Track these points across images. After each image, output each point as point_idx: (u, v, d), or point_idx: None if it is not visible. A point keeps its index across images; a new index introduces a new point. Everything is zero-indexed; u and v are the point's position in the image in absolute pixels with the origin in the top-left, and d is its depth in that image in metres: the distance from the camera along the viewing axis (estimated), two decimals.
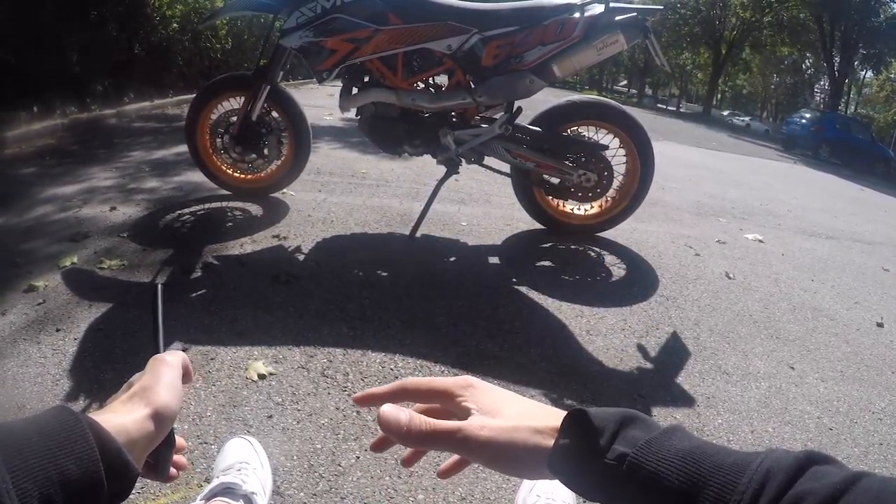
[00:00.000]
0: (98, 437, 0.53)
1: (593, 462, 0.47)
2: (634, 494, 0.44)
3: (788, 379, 2.22)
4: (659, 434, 0.47)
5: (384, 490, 1.44)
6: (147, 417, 0.60)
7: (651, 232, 3.78)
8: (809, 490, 0.38)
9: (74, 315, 2.05)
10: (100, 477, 0.52)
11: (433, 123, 2.96)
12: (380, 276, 2.62)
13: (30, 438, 0.50)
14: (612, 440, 0.47)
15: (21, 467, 0.47)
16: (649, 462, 0.44)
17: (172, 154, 4.36)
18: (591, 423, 0.48)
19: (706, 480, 0.42)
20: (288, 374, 1.84)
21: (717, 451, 0.45)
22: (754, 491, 0.40)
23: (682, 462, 0.43)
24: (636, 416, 0.49)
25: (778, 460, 0.42)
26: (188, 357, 0.70)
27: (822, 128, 18.30)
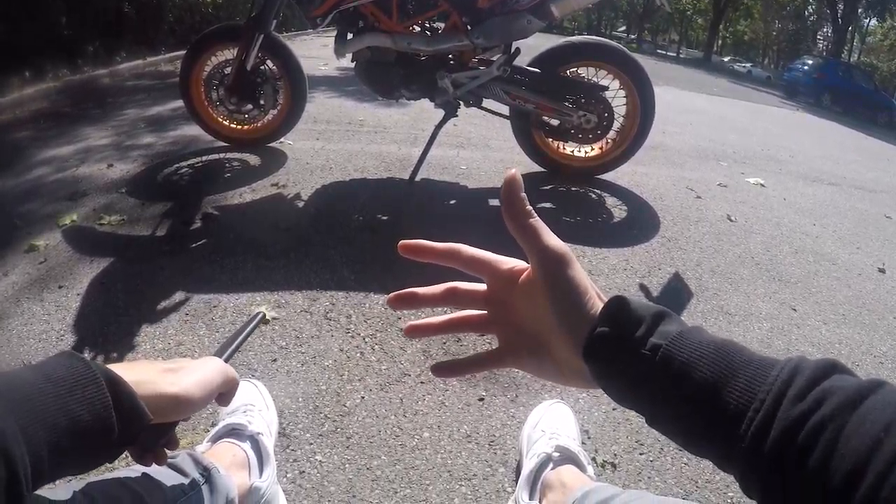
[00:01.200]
0: (111, 382, 0.53)
1: (629, 352, 0.47)
2: (665, 384, 0.45)
3: (790, 320, 2.23)
4: (690, 329, 0.47)
5: (389, 429, 1.45)
6: (169, 395, 0.60)
7: (652, 175, 3.75)
8: (837, 386, 0.39)
9: (76, 272, 2.05)
10: (111, 422, 0.52)
11: (430, 67, 2.91)
12: (380, 220, 2.61)
13: (37, 385, 0.49)
14: (650, 332, 0.47)
15: (29, 413, 0.46)
16: (682, 353, 0.44)
17: (168, 110, 4.31)
18: (632, 314, 0.48)
19: (736, 372, 0.42)
20: (291, 318, 1.85)
21: (746, 349, 0.45)
22: (783, 382, 0.40)
23: (715, 354, 0.44)
24: (669, 312, 0.49)
25: (804, 360, 0.42)
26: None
27: (825, 75, 18.08)
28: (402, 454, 1.38)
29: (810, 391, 0.39)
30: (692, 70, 21.42)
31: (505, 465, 1.38)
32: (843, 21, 29.25)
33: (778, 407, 0.39)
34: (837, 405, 0.37)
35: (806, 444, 0.37)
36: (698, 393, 0.43)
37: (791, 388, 0.40)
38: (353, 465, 1.34)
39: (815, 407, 0.38)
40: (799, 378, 0.40)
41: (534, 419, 1.39)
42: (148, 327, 1.76)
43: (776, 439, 0.38)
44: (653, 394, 0.46)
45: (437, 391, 1.60)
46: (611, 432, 1.52)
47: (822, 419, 0.37)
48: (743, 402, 0.41)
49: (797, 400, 0.39)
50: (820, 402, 0.38)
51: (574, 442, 1.28)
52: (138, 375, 0.59)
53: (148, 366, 0.63)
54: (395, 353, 1.73)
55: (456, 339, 1.82)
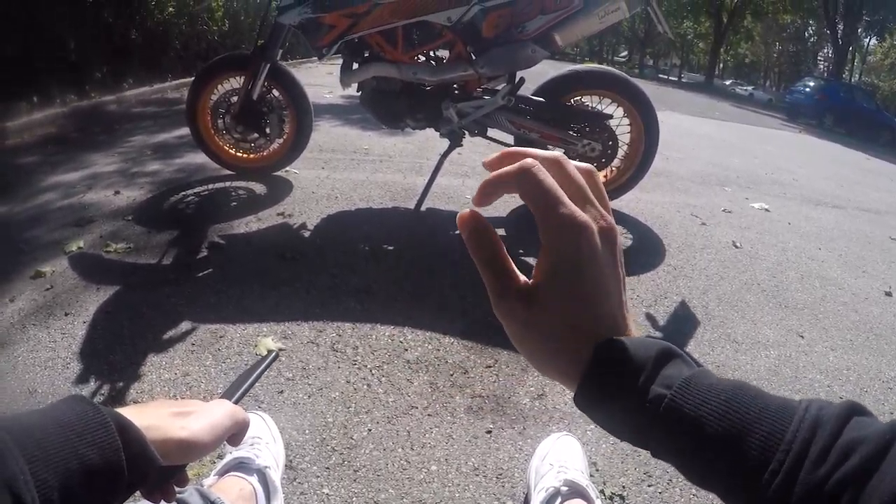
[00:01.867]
0: (120, 427, 0.53)
1: (628, 401, 0.42)
2: (670, 437, 0.41)
3: (798, 347, 2.22)
4: (695, 373, 0.42)
5: (397, 462, 1.45)
6: (178, 439, 0.60)
7: (656, 202, 3.75)
8: (859, 438, 0.37)
9: (82, 299, 2.05)
10: (121, 466, 0.52)
11: (435, 96, 2.93)
12: (386, 250, 2.61)
13: (47, 429, 0.49)
14: (651, 380, 0.42)
15: (40, 458, 0.47)
16: (689, 404, 0.40)
17: (174, 137, 4.34)
18: (630, 360, 0.42)
19: (751, 426, 0.39)
20: (297, 349, 1.85)
21: (759, 394, 0.41)
22: (804, 440, 0.38)
23: (726, 406, 0.40)
24: (672, 350, 0.44)
25: (823, 408, 0.39)
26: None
27: (826, 96, 18.10)
28: (409, 488, 1.38)
29: (832, 447, 0.37)
30: (694, 94, 21.51)
31: (513, 499, 1.37)
32: (843, 41, 29.41)
33: (800, 468, 0.37)
34: (860, 462, 0.36)
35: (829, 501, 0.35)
36: (710, 448, 0.39)
37: (813, 445, 0.37)
38: (360, 498, 1.33)
39: (838, 465, 0.36)
40: (820, 433, 0.38)
41: (542, 452, 1.38)
42: (154, 357, 1.76)
43: (798, 502, 0.36)
44: (658, 443, 0.42)
45: (444, 424, 1.59)
46: (619, 464, 1.50)
47: (844, 477, 0.35)
48: (760, 461, 0.38)
49: (820, 461, 0.37)
50: (842, 460, 0.36)
51: (582, 475, 1.27)
52: (147, 420, 0.59)
53: (157, 409, 0.63)
54: (402, 386, 1.73)
55: (463, 371, 1.81)
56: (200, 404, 0.68)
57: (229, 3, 8.65)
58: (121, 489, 0.54)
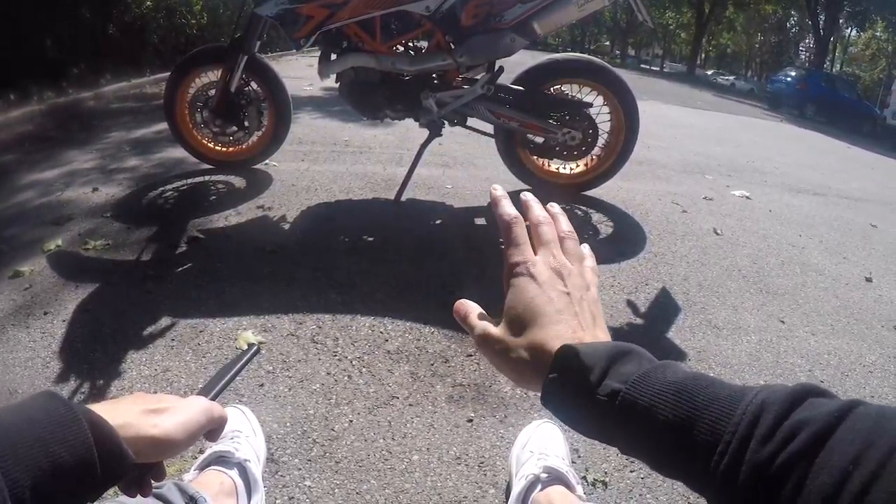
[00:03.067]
0: (92, 423, 0.53)
1: (585, 398, 0.46)
2: (629, 429, 0.44)
3: (778, 333, 2.24)
4: (651, 368, 0.46)
5: (378, 452, 1.44)
6: (150, 437, 0.59)
7: (637, 190, 3.76)
8: (806, 419, 0.38)
9: (61, 298, 2.03)
10: (93, 462, 0.51)
11: (414, 87, 2.92)
12: (366, 242, 2.60)
13: (19, 427, 0.49)
14: (603, 376, 0.46)
15: (11, 456, 0.46)
16: (643, 397, 0.44)
17: (152, 132, 4.30)
18: (581, 360, 0.47)
19: (700, 413, 0.41)
20: (277, 342, 1.84)
21: (711, 382, 0.44)
22: (749, 422, 0.39)
23: (676, 396, 0.43)
24: (628, 350, 0.48)
25: (773, 392, 0.41)
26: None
27: (808, 86, 18.21)
28: (391, 478, 1.37)
29: (779, 427, 0.38)
30: (676, 84, 21.61)
31: (495, 487, 1.37)
32: (824, 32, 29.58)
33: (745, 448, 0.39)
34: (805, 440, 0.37)
35: (776, 482, 0.37)
36: (665, 436, 0.42)
37: (759, 426, 0.39)
38: (342, 489, 1.33)
39: (784, 444, 0.37)
40: (766, 415, 0.39)
41: (522, 439, 1.38)
42: (134, 353, 1.75)
43: (745, 480, 0.38)
44: (619, 436, 0.46)
45: (425, 413, 1.59)
46: (601, 450, 1.51)
47: (790, 457, 0.37)
48: (708, 444, 0.40)
49: (765, 440, 0.38)
50: (789, 440, 0.37)
51: (563, 462, 1.27)
52: (120, 417, 0.58)
53: (130, 406, 0.62)
54: (383, 376, 1.72)
55: (444, 360, 1.81)
56: (176, 400, 0.67)
57: None
58: (94, 486, 0.53)
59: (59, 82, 5.42)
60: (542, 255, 0.58)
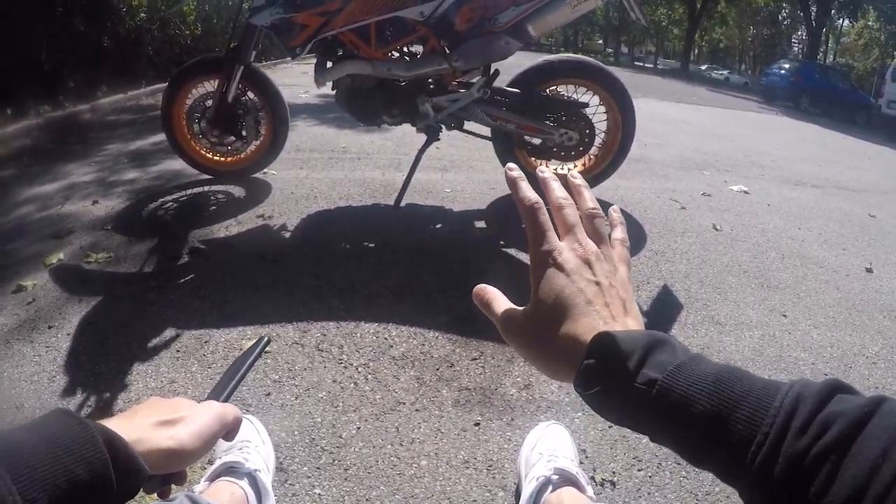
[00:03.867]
0: (108, 440, 0.53)
1: (622, 386, 0.46)
2: (664, 419, 0.45)
3: (781, 326, 2.24)
4: (686, 359, 0.46)
5: (387, 458, 1.45)
6: (165, 450, 0.60)
7: (636, 188, 3.78)
8: (839, 412, 0.39)
9: (65, 311, 2.03)
10: (109, 478, 0.52)
11: (410, 92, 2.92)
12: (367, 248, 2.61)
13: (35, 446, 0.49)
14: (641, 365, 0.46)
15: (27, 476, 0.46)
16: (679, 387, 0.44)
17: (150, 144, 4.29)
18: (619, 347, 0.47)
19: (737, 404, 0.42)
20: (283, 350, 1.84)
21: (746, 376, 0.44)
22: (786, 414, 0.40)
23: (714, 386, 0.43)
24: (663, 340, 0.48)
25: (806, 386, 0.42)
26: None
27: (802, 78, 18.21)
28: (400, 483, 1.38)
29: (812, 420, 0.39)
30: (670, 80, 21.60)
31: (504, 490, 1.37)
32: (816, 23, 29.58)
33: (782, 440, 0.39)
34: (839, 434, 0.38)
35: (809, 474, 0.37)
36: (700, 426, 0.43)
37: (794, 419, 0.40)
38: (352, 496, 1.33)
39: (818, 437, 0.38)
40: (801, 408, 0.40)
41: (531, 442, 1.38)
42: (140, 365, 1.75)
43: (781, 472, 0.38)
44: (652, 425, 0.46)
45: (432, 418, 1.59)
46: (608, 450, 1.51)
47: (824, 449, 0.37)
48: (746, 436, 0.41)
49: (801, 433, 0.39)
50: (822, 432, 0.38)
51: (572, 463, 1.28)
52: (134, 433, 0.58)
53: (144, 419, 0.63)
54: (389, 382, 1.73)
55: (449, 365, 1.82)
56: (188, 408, 0.67)
57: (201, 6, 8.57)
58: (110, 501, 0.54)
59: (56, 95, 5.41)
60: (568, 241, 0.57)
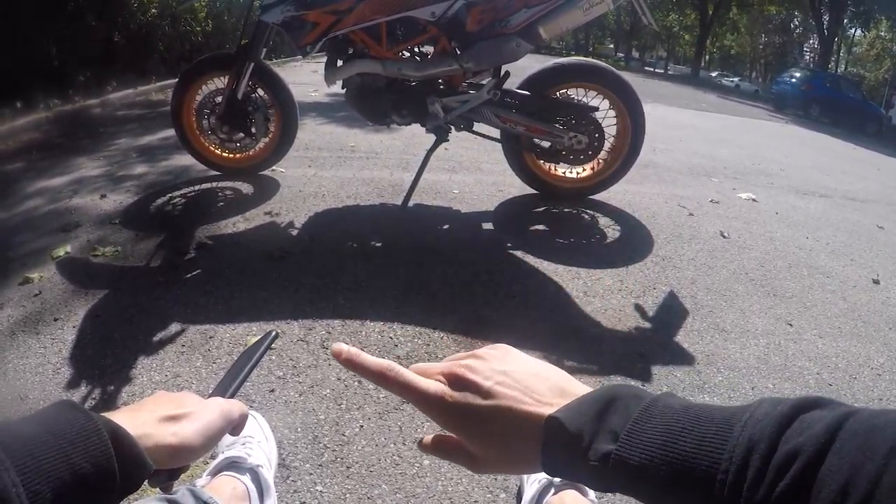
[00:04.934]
0: (112, 433, 0.53)
1: (580, 466, 0.47)
2: (626, 487, 0.45)
3: (787, 336, 2.23)
4: (638, 416, 0.46)
5: (389, 457, 1.44)
6: (169, 445, 0.60)
7: (644, 193, 3.76)
8: (795, 450, 0.38)
9: (71, 304, 2.04)
10: (113, 472, 0.52)
11: (420, 92, 2.93)
12: (374, 247, 2.61)
13: (40, 438, 0.49)
14: (593, 439, 0.46)
15: (32, 468, 0.46)
16: (633, 456, 0.44)
17: (159, 139, 4.31)
18: (567, 429, 0.48)
19: (690, 462, 0.42)
20: (287, 347, 1.84)
21: (700, 419, 0.44)
22: (738, 467, 0.39)
23: (664, 450, 0.43)
24: (614, 398, 0.48)
25: (761, 421, 0.41)
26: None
27: (812, 87, 18.15)
28: (402, 482, 1.38)
29: (769, 464, 0.38)
30: (680, 86, 21.56)
31: (506, 491, 1.37)
32: (828, 32, 29.48)
33: (739, 496, 0.39)
34: (796, 474, 0.37)
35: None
36: (661, 490, 0.43)
37: (749, 468, 0.39)
38: (353, 494, 1.33)
39: (776, 482, 0.37)
40: (755, 455, 0.39)
41: None
42: (144, 359, 1.76)
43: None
44: (620, 490, 0.47)
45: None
46: None
47: (784, 492, 0.37)
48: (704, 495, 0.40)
49: (757, 483, 0.38)
50: (779, 478, 0.37)
51: None
52: (139, 427, 0.58)
53: (149, 414, 0.63)
54: None
55: None
56: (194, 403, 0.67)
57: (212, 3, 8.60)
58: (113, 495, 0.54)
59: (65, 90, 5.44)
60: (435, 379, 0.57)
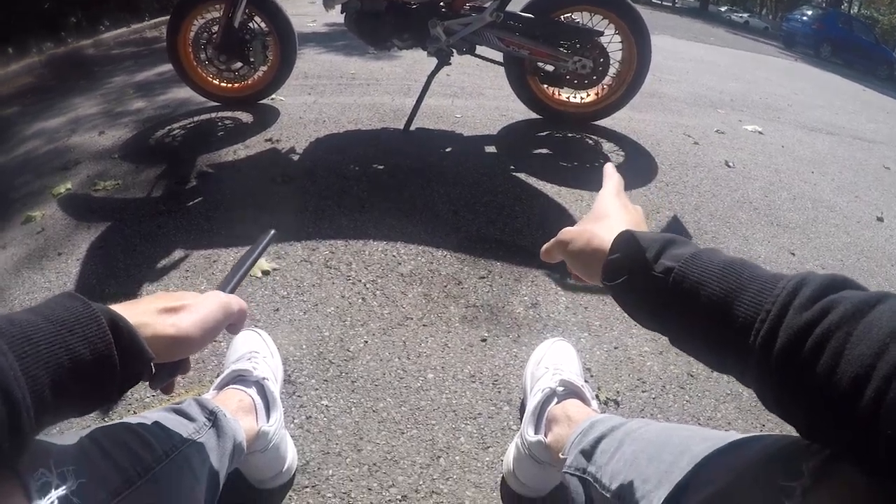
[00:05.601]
0: (111, 321, 0.53)
1: (642, 276, 0.51)
2: (679, 303, 0.48)
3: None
4: (702, 250, 0.50)
5: (394, 371, 1.46)
6: (167, 336, 0.60)
7: (648, 121, 3.71)
8: (844, 297, 0.40)
9: (74, 238, 2.04)
10: (112, 359, 0.52)
11: (422, 15, 2.84)
12: (376, 170, 2.59)
13: (38, 326, 0.49)
14: (658, 256, 0.51)
15: (30, 353, 0.46)
16: (693, 273, 0.48)
17: (155, 74, 4.23)
18: (639, 242, 0.53)
19: (744, 287, 0.45)
20: (291, 268, 1.85)
21: (758, 266, 0.48)
22: (788, 294, 0.42)
23: (723, 272, 0.47)
24: (680, 238, 0.53)
25: (812, 274, 0.44)
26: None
27: (824, 26, 17.75)
28: (406, 396, 1.40)
29: (816, 301, 0.40)
30: (689, 19, 21.00)
31: (509, 404, 1.39)
32: None
33: (783, 316, 0.41)
34: (843, 314, 0.39)
35: (813, 352, 0.38)
36: (710, 309, 0.46)
37: (797, 298, 0.41)
38: (359, 408, 1.35)
39: (821, 316, 0.39)
40: (805, 289, 0.42)
41: (537, 357, 1.39)
42: (149, 286, 1.77)
43: (783, 347, 0.40)
44: (668, 312, 0.50)
45: (439, 333, 1.61)
46: (613, 371, 1.53)
47: (828, 327, 0.38)
48: (750, 315, 0.43)
49: (802, 309, 0.40)
50: (826, 312, 0.39)
51: (578, 377, 1.28)
52: (136, 317, 0.58)
53: (147, 305, 0.63)
54: (397, 298, 1.74)
55: (457, 283, 1.82)
56: (193, 297, 0.67)
57: None
58: (113, 384, 0.54)
59: (58, 32, 5.32)
60: None
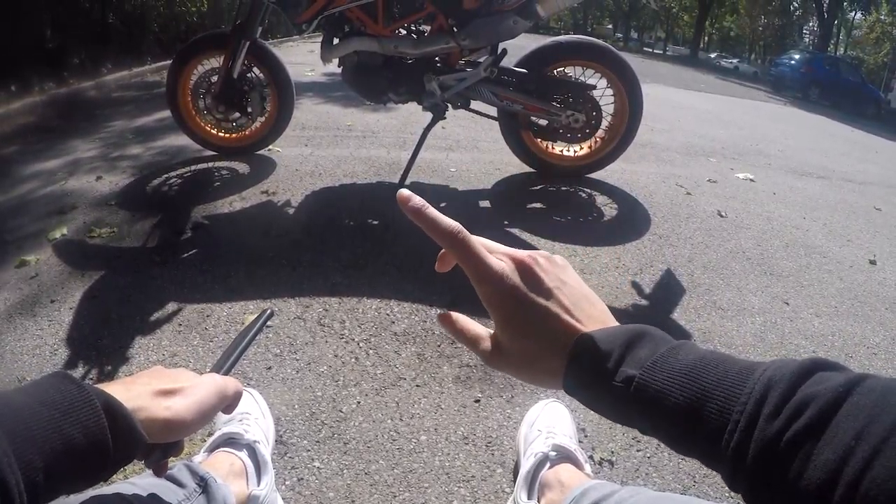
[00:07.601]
0: (106, 405, 0.53)
1: (603, 385, 0.48)
2: (643, 413, 0.46)
3: (783, 314, 2.23)
4: (665, 352, 0.48)
5: (386, 433, 1.45)
6: (161, 420, 0.59)
7: (641, 172, 3.75)
8: (813, 394, 0.39)
9: (68, 286, 2.03)
10: (106, 443, 0.51)
11: (417, 70, 2.90)
12: (371, 225, 2.60)
13: (32, 409, 0.49)
14: (620, 363, 0.48)
15: (25, 438, 0.46)
16: (655, 382, 0.45)
17: (154, 120, 4.28)
18: (598, 348, 0.49)
19: (709, 394, 0.43)
20: (284, 325, 1.84)
21: (722, 361, 0.46)
22: (756, 400, 0.41)
23: (686, 378, 0.45)
24: (644, 333, 0.50)
25: (780, 368, 0.42)
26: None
27: (812, 69, 18.14)
28: (399, 458, 1.38)
29: (785, 404, 0.39)
30: (679, 67, 21.45)
31: (503, 466, 1.38)
32: (828, 15, 29.37)
33: (753, 426, 0.40)
34: (812, 416, 0.38)
35: (785, 458, 0.38)
36: (676, 419, 0.44)
37: (765, 404, 0.40)
38: (351, 470, 1.34)
39: (791, 421, 0.38)
40: (773, 392, 0.40)
41: (530, 419, 1.39)
42: (141, 339, 1.75)
43: (754, 458, 0.39)
44: (635, 420, 0.48)
45: (432, 394, 1.60)
46: (607, 430, 1.52)
47: (798, 432, 0.37)
48: (719, 425, 0.42)
49: (772, 418, 0.39)
50: (796, 416, 0.38)
51: (571, 440, 1.28)
52: (132, 400, 0.58)
53: (142, 387, 0.62)
54: (390, 358, 1.73)
55: (451, 342, 1.82)
56: (189, 379, 0.67)
57: None
58: (106, 467, 0.54)
59: (60, 72, 5.40)
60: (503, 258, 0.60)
